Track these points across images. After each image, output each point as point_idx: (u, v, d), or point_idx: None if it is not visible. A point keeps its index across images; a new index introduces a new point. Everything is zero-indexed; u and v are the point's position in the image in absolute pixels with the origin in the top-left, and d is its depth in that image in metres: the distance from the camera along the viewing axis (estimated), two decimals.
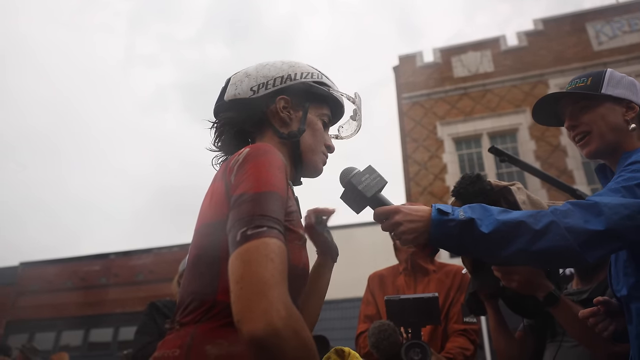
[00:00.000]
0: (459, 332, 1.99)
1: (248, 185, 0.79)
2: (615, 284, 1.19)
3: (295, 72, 1.05)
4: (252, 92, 1.03)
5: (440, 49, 12.05)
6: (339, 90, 1.13)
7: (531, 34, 11.53)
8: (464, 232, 1.01)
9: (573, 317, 1.36)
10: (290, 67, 1.06)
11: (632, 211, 0.98)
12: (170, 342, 0.80)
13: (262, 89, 1.03)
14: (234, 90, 1.05)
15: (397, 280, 2.23)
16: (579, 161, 9.77)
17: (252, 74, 1.06)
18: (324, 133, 1.10)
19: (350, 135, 1.18)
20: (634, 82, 1.30)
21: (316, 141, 1.06)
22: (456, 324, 2.02)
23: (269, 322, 0.63)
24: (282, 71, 1.05)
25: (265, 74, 1.04)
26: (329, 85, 1.10)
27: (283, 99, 1.04)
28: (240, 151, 0.89)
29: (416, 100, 11.60)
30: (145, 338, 2.33)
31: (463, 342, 1.96)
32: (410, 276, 2.20)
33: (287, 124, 1.04)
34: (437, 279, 2.14)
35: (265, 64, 1.07)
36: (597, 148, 1.25)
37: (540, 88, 10.61)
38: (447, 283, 2.12)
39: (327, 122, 1.12)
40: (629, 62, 10.14)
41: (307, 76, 1.06)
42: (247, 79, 1.05)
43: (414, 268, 2.19)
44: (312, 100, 1.07)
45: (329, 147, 1.12)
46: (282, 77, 1.04)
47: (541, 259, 1.02)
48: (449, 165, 10.53)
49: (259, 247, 0.71)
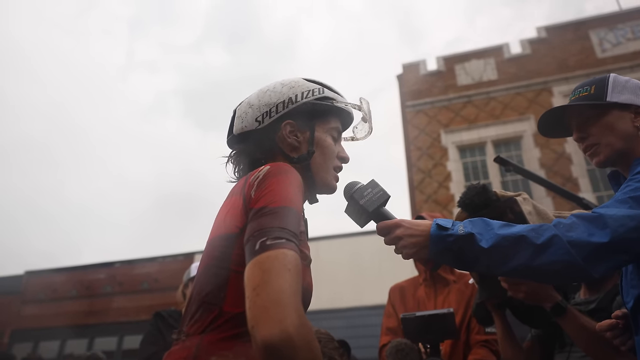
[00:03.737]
0: (481, 343, 1.99)
1: (269, 199, 0.81)
2: (625, 295, 1.18)
3: (295, 94, 1.05)
4: (257, 123, 1.05)
5: (443, 57, 12.08)
6: (344, 100, 1.12)
7: (534, 41, 11.55)
8: (463, 247, 1.00)
9: (580, 327, 1.35)
10: (290, 89, 1.06)
11: (639, 222, 0.95)
12: (176, 353, 0.81)
13: (267, 117, 1.04)
14: (240, 123, 1.07)
15: (418, 291, 2.21)
16: (584, 168, 9.73)
17: (254, 103, 1.07)
18: (336, 147, 1.10)
19: (366, 136, 1.17)
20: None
21: (327, 160, 1.07)
22: (478, 334, 2.01)
23: (284, 329, 0.64)
24: (283, 95, 1.05)
25: (267, 102, 1.05)
26: (333, 98, 1.10)
27: (289, 124, 1.04)
28: (260, 168, 0.91)
29: (420, 109, 11.62)
30: (151, 348, 2.33)
31: (485, 353, 1.95)
32: (430, 287, 2.19)
33: (296, 148, 1.05)
34: (457, 289, 2.13)
35: (265, 89, 1.08)
36: (607, 158, 1.21)
37: (544, 95, 10.61)
38: (468, 293, 2.10)
39: (337, 135, 1.12)
40: (633, 69, 10.12)
41: (308, 94, 1.06)
42: (250, 110, 1.06)
43: (434, 279, 2.18)
44: (318, 117, 1.08)
45: (343, 159, 1.12)
46: (284, 102, 1.04)
47: (543, 274, 0.99)
48: (453, 173, 10.51)
49: (278, 256, 0.72)
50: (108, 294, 12.34)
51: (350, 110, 1.14)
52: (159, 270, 12.01)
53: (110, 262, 12.91)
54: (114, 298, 12.22)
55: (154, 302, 10.48)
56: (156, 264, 12.31)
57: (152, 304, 10.34)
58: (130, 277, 12.34)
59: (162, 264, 12.20)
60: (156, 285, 11.75)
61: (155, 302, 10.30)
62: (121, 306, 11.93)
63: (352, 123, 1.18)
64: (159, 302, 9.76)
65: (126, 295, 12.10)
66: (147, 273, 12.17)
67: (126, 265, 12.73)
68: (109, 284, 12.46)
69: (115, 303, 12.10)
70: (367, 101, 1.15)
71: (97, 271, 12.80)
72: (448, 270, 2.20)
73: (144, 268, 12.34)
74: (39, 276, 13.16)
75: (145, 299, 11.58)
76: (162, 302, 9.25)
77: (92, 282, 12.57)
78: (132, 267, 12.59)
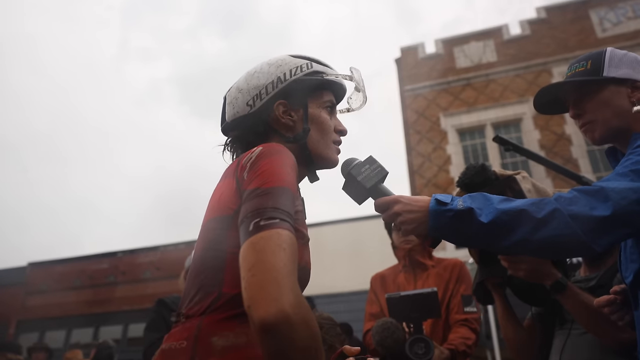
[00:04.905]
0: (460, 322, 2.07)
1: (262, 180, 0.81)
2: (624, 270, 1.17)
3: (284, 72, 1.03)
4: (249, 107, 1.03)
5: (442, 39, 11.98)
6: (334, 72, 1.10)
7: (534, 22, 11.43)
8: (462, 222, 0.99)
9: (581, 304, 1.35)
10: (277, 68, 1.04)
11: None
12: (177, 334, 0.81)
13: (258, 100, 1.03)
14: (232, 109, 1.06)
15: (398, 278, 2.30)
16: (584, 149, 9.72)
17: (243, 87, 1.05)
18: (332, 120, 1.09)
19: (361, 106, 1.15)
20: (638, 58, 1.22)
21: (324, 134, 1.05)
22: (457, 314, 2.09)
23: (280, 308, 0.63)
24: (271, 75, 1.03)
25: (256, 84, 1.04)
26: (322, 71, 1.07)
27: (281, 104, 1.03)
28: (252, 150, 0.90)
29: (419, 92, 11.56)
30: (154, 334, 2.35)
31: (464, 332, 2.03)
32: (409, 273, 2.27)
33: (291, 128, 1.03)
34: (435, 273, 2.22)
35: (253, 72, 1.07)
36: (602, 135, 1.19)
37: (544, 77, 10.54)
38: (446, 276, 2.19)
39: (332, 108, 1.10)
40: (633, 49, 10.04)
41: (297, 71, 1.04)
42: (240, 95, 1.05)
43: (413, 264, 2.27)
44: (310, 93, 1.06)
45: (341, 132, 1.10)
46: (273, 82, 1.03)
47: (544, 249, 0.98)
48: (453, 157, 10.50)
49: (272, 236, 0.71)
50: (111, 284, 12.44)
51: (342, 82, 1.12)
52: (161, 259, 12.09)
53: (113, 252, 12.99)
54: (117, 287, 12.32)
55: (157, 291, 10.57)
56: (158, 252, 12.37)
57: (155, 292, 10.42)
58: (132, 267, 12.42)
59: (164, 252, 12.27)
60: (159, 274, 11.83)
61: (158, 291, 10.39)
62: (125, 295, 12.04)
63: (346, 94, 1.15)
64: (162, 290, 9.84)
65: (129, 284, 12.20)
66: (149, 262, 12.25)
67: (128, 254, 12.81)
68: (112, 274, 12.55)
69: (119, 292, 12.20)
70: (359, 70, 1.13)
71: (99, 261, 12.89)
72: (426, 255, 2.28)
73: (146, 257, 12.42)
74: (42, 267, 13.25)
75: (148, 287, 11.68)
76: (165, 290, 9.32)
77: (95, 272, 12.66)
78: (135, 256, 12.66)
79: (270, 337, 0.64)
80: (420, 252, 2.26)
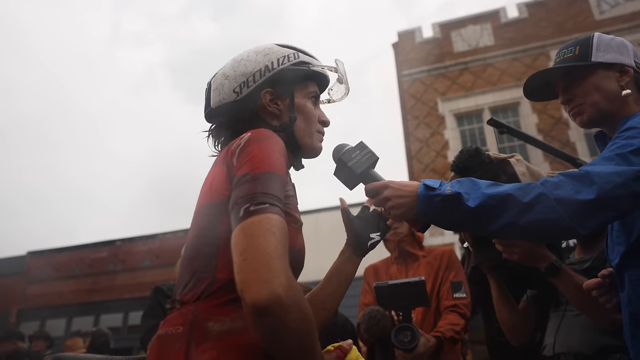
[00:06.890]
0: (450, 308, 2.10)
1: (251, 166, 0.81)
2: (610, 253, 1.18)
3: (271, 61, 1.04)
4: (235, 94, 1.03)
5: (439, 23, 11.88)
6: (319, 63, 1.11)
7: (531, 4, 11.34)
8: (450, 207, 1.00)
9: (575, 286, 1.36)
10: (265, 56, 1.04)
11: (626, 179, 0.94)
12: (173, 319, 0.82)
13: (245, 88, 1.03)
14: (217, 96, 1.05)
15: (390, 269, 2.33)
16: (581, 133, 9.72)
17: (230, 74, 1.05)
18: (316, 110, 1.10)
19: (342, 97, 1.17)
20: (624, 42, 1.24)
21: (309, 124, 1.06)
22: (446, 300, 2.13)
23: (272, 290, 0.64)
24: (259, 63, 1.04)
25: (243, 72, 1.03)
26: (309, 62, 1.08)
27: (268, 92, 1.03)
28: (241, 136, 0.90)
29: (416, 77, 11.50)
30: (151, 321, 2.37)
31: (453, 318, 2.06)
32: (401, 264, 2.31)
33: (277, 116, 1.04)
34: (426, 262, 2.26)
35: (239, 59, 1.06)
36: (590, 117, 1.20)
37: (541, 60, 10.49)
38: (435, 265, 2.23)
39: (316, 99, 1.11)
40: (631, 30, 9.98)
41: (284, 60, 1.05)
42: (227, 82, 1.04)
43: (404, 255, 2.30)
44: (296, 83, 1.07)
45: (324, 122, 1.11)
46: (261, 71, 1.03)
47: (530, 233, 0.99)
48: (450, 142, 10.49)
49: (262, 221, 0.73)
50: (111, 272, 12.50)
51: (327, 73, 1.13)
52: (160, 247, 12.14)
53: (112, 241, 13.04)
54: (117, 275, 12.39)
55: (156, 278, 10.60)
56: (157, 240, 12.43)
57: (154, 280, 10.45)
58: (131, 255, 12.48)
59: (163, 240, 12.32)
60: (158, 262, 11.89)
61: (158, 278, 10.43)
62: (124, 283, 12.11)
63: (328, 86, 1.17)
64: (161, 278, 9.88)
65: (129, 272, 12.26)
66: (148, 250, 12.30)
67: (127, 242, 12.85)
68: (111, 262, 12.60)
69: (119, 280, 12.27)
70: (343, 62, 1.14)
71: (99, 250, 12.93)
72: (416, 246, 2.32)
73: (145, 245, 12.47)
74: (41, 256, 13.29)
75: (148, 275, 11.74)
76: (164, 278, 9.35)
77: (94, 261, 12.72)
78: (133, 244, 12.71)
79: (263, 319, 0.65)
80: (410, 243, 2.29)
